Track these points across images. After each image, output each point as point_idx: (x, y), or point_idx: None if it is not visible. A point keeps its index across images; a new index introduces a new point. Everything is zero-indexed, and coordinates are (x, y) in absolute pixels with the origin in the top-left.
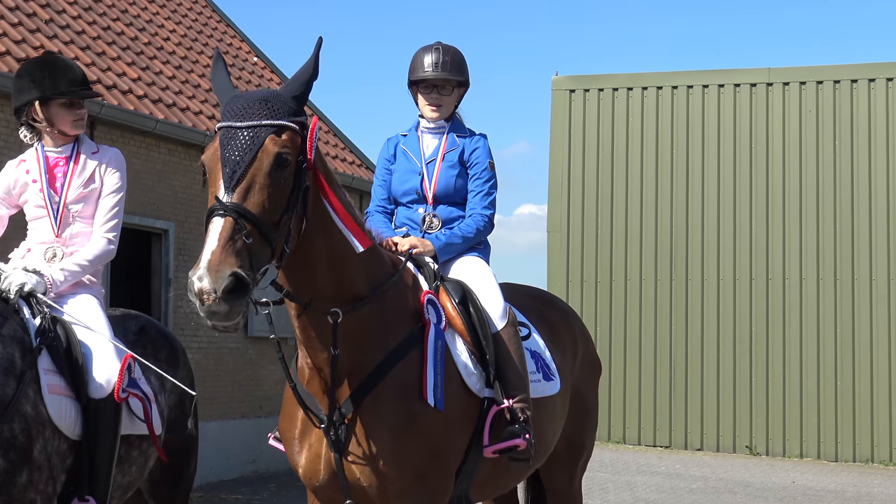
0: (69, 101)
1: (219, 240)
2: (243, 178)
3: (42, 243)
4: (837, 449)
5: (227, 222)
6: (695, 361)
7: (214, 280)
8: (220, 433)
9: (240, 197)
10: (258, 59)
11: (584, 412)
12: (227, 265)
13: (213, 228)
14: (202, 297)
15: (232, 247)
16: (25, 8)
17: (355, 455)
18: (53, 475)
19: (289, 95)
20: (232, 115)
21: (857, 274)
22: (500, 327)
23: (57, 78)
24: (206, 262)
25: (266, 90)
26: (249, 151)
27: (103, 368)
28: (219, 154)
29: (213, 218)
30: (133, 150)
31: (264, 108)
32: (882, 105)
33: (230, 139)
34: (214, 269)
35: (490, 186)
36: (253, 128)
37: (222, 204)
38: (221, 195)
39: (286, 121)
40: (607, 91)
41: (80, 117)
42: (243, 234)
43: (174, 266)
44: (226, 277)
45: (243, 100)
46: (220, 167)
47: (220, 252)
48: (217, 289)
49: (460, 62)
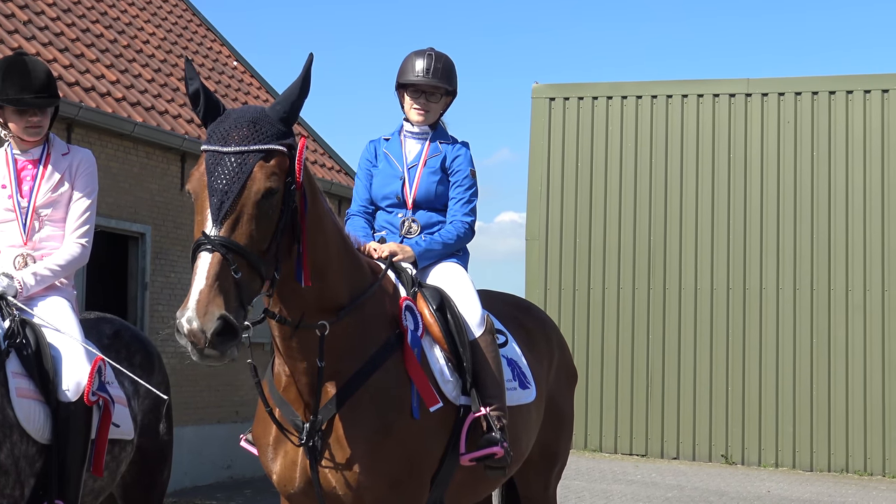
0: (20, 108)
1: (206, 278)
2: (232, 210)
3: (12, 247)
4: (812, 458)
5: (214, 258)
6: (671, 370)
7: (203, 323)
8: (196, 438)
9: (228, 230)
10: (238, 63)
11: (559, 420)
12: (216, 306)
13: (200, 265)
14: (192, 339)
15: (220, 285)
16: (3, 9)
17: (330, 463)
18: (21, 479)
19: (276, 117)
20: (218, 139)
21: (833, 284)
22: (477, 335)
23: (8, 83)
24: (195, 302)
25: (253, 109)
26: (237, 180)
27: (73, 371)
28: (205, 181)
29: (201, 253)
30: (111, 152)
31: (252, 132)
32: (860, 117)
33: (217, 165)
34: (203, 310)
35: (471, 194)
36: (240, 153)
37: (209, 239)
38: (209, 229)
39: (274, 144)
40: (587, 99)
41: (33, 125)
42: (232, 270)
43: (151, 269)
44: (215, 320)
45: (230, 121)
46: (208, 196)
47: (208, 292)
48: (206, 331)
49: (451, 71)
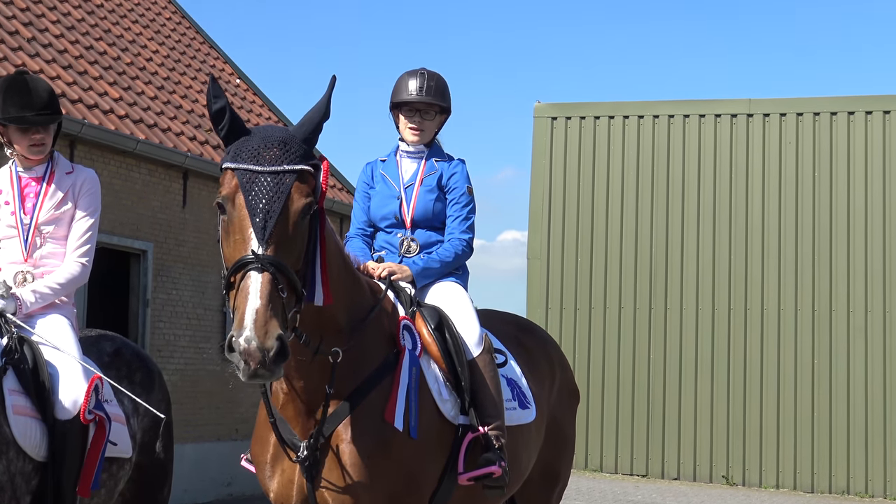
0: (24, 126)
1: (261, 297)
2: (275, 228)
3: (12, 264)
4: (814, 480)
5: (265, 278)
6: (672, 390)
7: (263, 343)
8: (196, 455)
9: (274, 249)
10: (241, 81)
11: (560, 440)
12: (274, 327)
13: (252, 284)
14: (248, 358)
15: (274, 306)
16: (8, 26)
17: (328, 481)
18: (17, 496)
19: (301, 138)
20: (249, 158)
21: (834, 306)
22: (475, 354)
23: (10, 102)
24: (252, 322)
25: (280, 130)
26: (277, 200)
27: (70, 389)
28: (242, 199)
29: (250, 272)
30: (113, 170)
31: (283, 152)
32: (861, 138)
33: (252, 184)
34: (263, 330)
35: (468, 211)
36: (276, 174)
37: (258, 258)
38: (256, 247)
39: (305, 165)
40: (588, 119)
41: (36, 142)
42: (279, 289)
43: (152, 287)
44: (274, 340)
45: (260, 140)
46: (249, 215)
47: (264, 311)
48: (268, 351)
49: (444, 89)
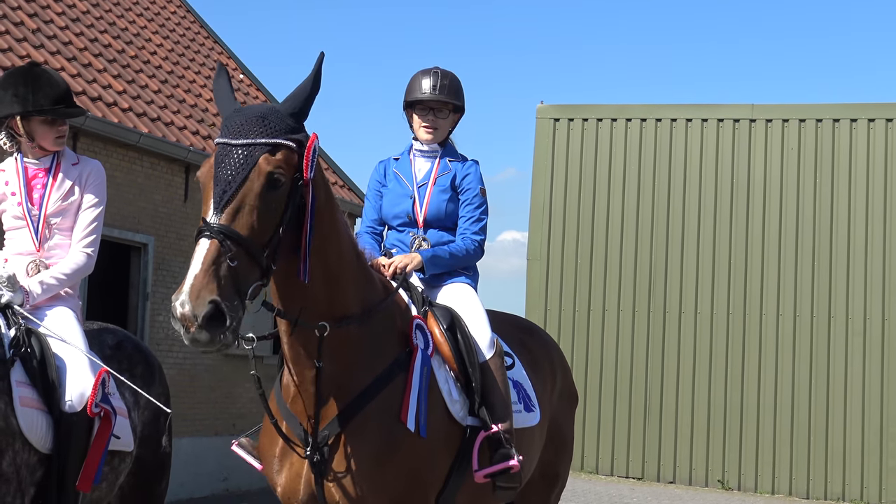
0: (51, 118)
1: (202, 264)
2: (233, 199)
3: (20, 255)
4: (809, 486)
5: (212, 245)
6: (670, 394)
7: (195, 307)
8: (193, 450)
9: (228, 218)
10: (244, 77)
11: (560, 442)
12: (209, 291)
13: (198, 251)
14: (183, 322)
15: (215, 272)
16: (13, 17)
17: (336, 477)
18: (22, 488)
19: (287, 112)
20: (229, 132)
21: (833, 311)
22: (487, 357)
23: (40, 94)
24: (189, 286)
25: (265, 106)
26: (242, 171)
27: (77, 382)
28: (212, 172)
29: (200, 240)
30: (115, 162)
31: (261, 126)
32: (864, 145)
33: (224, 157)
34: (196, 294)
35: (481, 212)
36: (248, 146)
37: (209, 225)
38: (210, 216)
39: (282, 139)
40: (591, 121)
41: (62, 134)
42: (228, 257)
43: (152, 280)
44: (206, 304)
45: (242, 116)
46: (213, 185)
47: (202, 277)
48: (198, 315)
49: (458, 87)
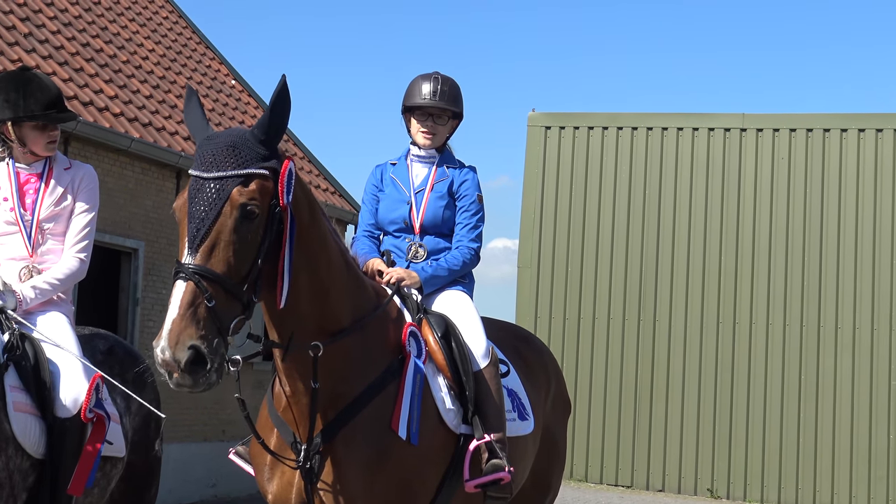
0: (42, 123)
1: (179, 308)
2: (207, 236)
3: (13, 260)
4: (798, 495)
5: (188, 287)
6: (659, 402)
7: (175, 353)
8: (182, 456)
9: (203, 257)
10: (236, 82)
11: (553, 451)
12: (188, 336)
13: (174, 293)
14: (166, 368)
15: (193, 314)
16: (5, 21)
17: (327, 485)
18: (14, 493)
19: (257, 139)
20: (201, 164)
21: (822, 322)
22: (482, 366)
23: (31, 99)
24: (167, 332)
25: (235, 132)
26: (215, 206)
27: (71, 387)
28: (186, 208)
29: (175, 282)
30: (107, 167)
31: (231, 157)
32: (853, 156)
33: (197, 192)
34: (175, 340)
35: (477, 220)
36: (219, 179)
37: (183, 266)
38: (185, 257)
39: (255, 168)
40: (582, 129)
41: (53, 139)
42: (205, 298)
43: (143, 285)
44: (186, 350)
45: (213, 145)
46: (187, 222)
47: (179, 321)
48: (179, 360)
49: (457, 94)
